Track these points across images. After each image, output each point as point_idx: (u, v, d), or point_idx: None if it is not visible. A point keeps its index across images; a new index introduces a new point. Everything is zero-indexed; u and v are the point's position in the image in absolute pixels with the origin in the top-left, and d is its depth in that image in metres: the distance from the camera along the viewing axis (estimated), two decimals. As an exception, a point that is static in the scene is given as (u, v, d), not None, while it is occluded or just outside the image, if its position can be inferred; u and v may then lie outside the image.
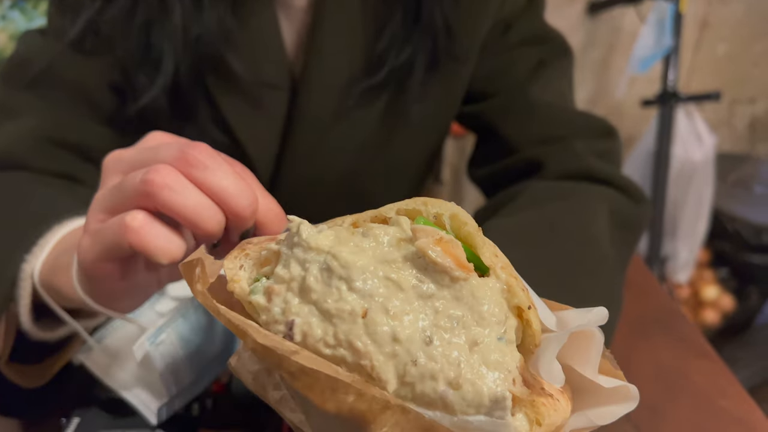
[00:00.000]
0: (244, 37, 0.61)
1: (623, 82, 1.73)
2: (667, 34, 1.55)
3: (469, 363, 0.22)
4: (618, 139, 0.66)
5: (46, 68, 0.61)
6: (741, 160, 2.03)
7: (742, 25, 1.91)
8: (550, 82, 0.67)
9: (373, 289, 0.23)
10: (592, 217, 0.55)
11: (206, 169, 0.34)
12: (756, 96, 2.07)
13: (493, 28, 0.66)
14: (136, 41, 0.60)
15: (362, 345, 0.22)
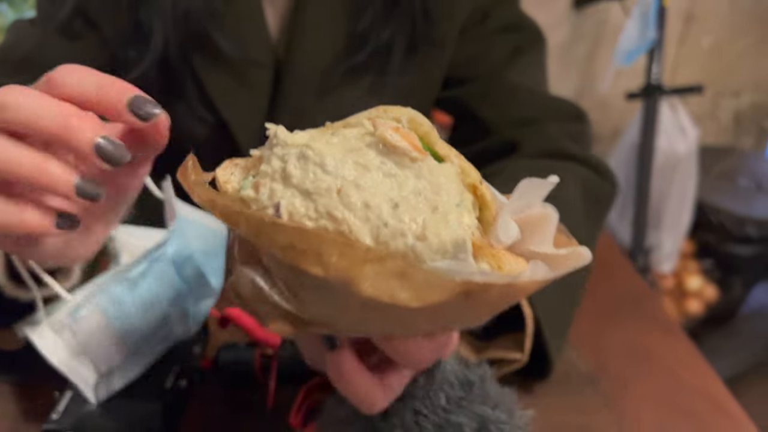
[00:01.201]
0: (229, 16, 0.63)
1: (608, 75, 1.75)
2: (651, 28, 1.58)
3: (433, 221, 0.26)
4: (588, 122, 0.70)
5: (34, 53, 0.63)
6: (725, 153, 2.06)
7: (727, 18, 1.93)
8: (526, 69, 0.70)
9: (344, 171, 0.26)
10: (566, 189, 0.58)
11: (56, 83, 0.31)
12: (740, 89, 2.10)
13: (471, 15, 0.69)
14: (126, 19, 0.62)
15: (340, 214, 0.25)
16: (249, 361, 0.52)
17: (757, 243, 1.82)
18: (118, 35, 0.63)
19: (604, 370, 0.58)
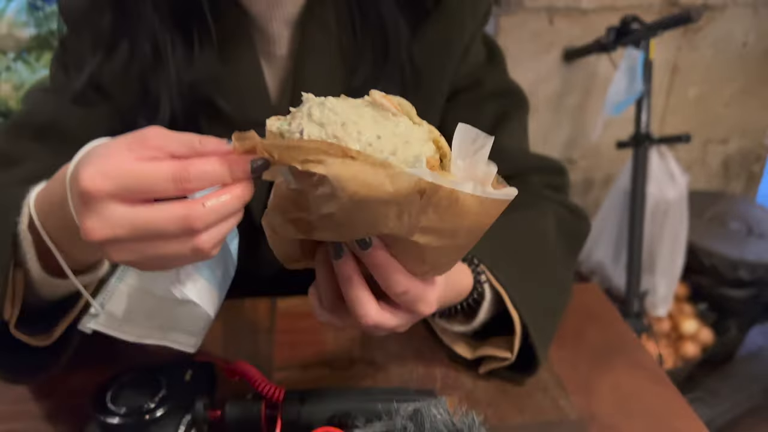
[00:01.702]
0: (231, 81, 0.68)
1: (599, 125, 1.81)
2: (638, 80, 1.64)
3: (402, 148, 0.38)
4: (567, 176, 0.79)
5: (52, 121, 0.68)
6: (716, 197, 2.11)
7: (710, 70, 2.01)
8: (513, 130, 0.77)
9: (348, 114, 0.38)
10: (543, 221, 0.70)
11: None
12: (728, 136, 2.16)
13: (464, 79, 0.74)
14: (135, 89, 0.66)
15: (341, 135, 0.37)
16: (255, 414, 0.55)
17: (750, 286, 1.86)
18: (129, 104, 0.68)
19: (594, 418, 0.61)
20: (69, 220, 0.42)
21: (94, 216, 0.38)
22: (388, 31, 0.67)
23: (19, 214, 0.48)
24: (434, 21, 0.69)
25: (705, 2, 1.88)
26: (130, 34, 0.65)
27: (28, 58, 1.75)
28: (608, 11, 1.79)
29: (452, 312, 0.62)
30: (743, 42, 2.00)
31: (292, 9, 0.68)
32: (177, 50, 0.65)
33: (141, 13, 0.63)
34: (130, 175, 0.38)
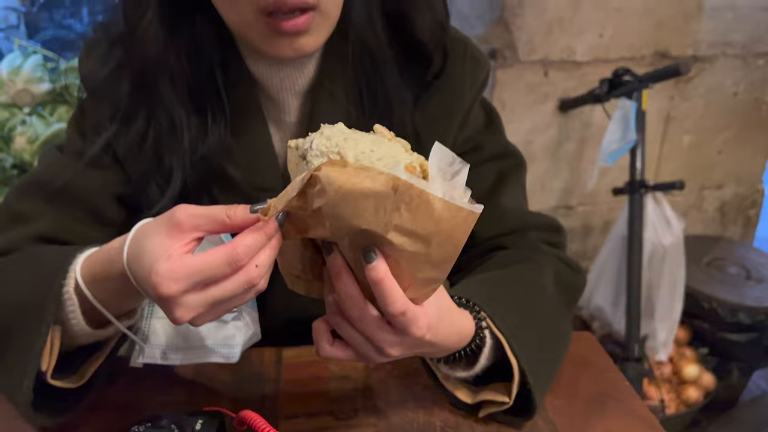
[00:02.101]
0: (242, 150, 0.72)
1: (594, 173, 1.86)
2: (632, 130, 1.70)
3: (392, 159, 0.46)
4: (564, 233, 0.83)
5: (60, 184, 0.71)
6: (714, 242, 2.14)
7: (703, 118, 2.07)
8: (511, 190, 0.81)
9: (350, 133, 0.47)
10: (542, 274, 0.73)
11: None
12: (723, 182, 2.21)
13: (464, 144, 0.79)
14: (148, 158, 0.70)
15: (342, 145, 0.46)
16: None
17: (750, 330, 1.87)
18: (141, 171, 0.71)
19: (589, 465, 0.63)
20: (117, 290, 0.53)
21: (177, 308, 0.48)
22: (393, 103, 0.72)
23: (65, 278, 0.56)
24: (435, 92, 0.74)
25: (695, 54, 1.95)
26: (147, 107, 0.69)
27: (43, 113, 1.81)
28: (601, 63, 1.85)
29: (455, 358, 0.65)
30: (734, 92, 2.06)
31: (302, 81, 0.72)
32: (192, 123, 0.69)
33: (160, 88, 0.67)
34: (195, 273, 0.47)
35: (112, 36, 0.71)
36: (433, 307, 0.54)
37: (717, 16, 1.92)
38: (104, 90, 0.71)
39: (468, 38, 0.79)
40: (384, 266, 0.48)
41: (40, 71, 1.83)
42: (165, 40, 0.66)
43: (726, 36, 1.96)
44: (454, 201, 0.45)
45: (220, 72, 0.70)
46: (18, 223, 0.70)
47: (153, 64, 0.67)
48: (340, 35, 0.69)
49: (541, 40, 1.77)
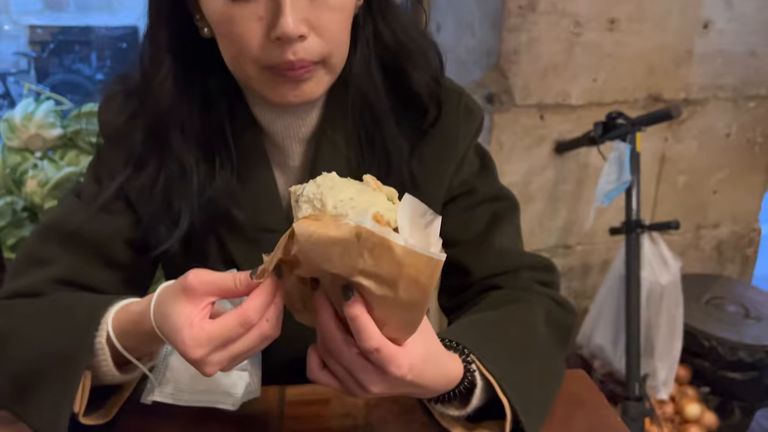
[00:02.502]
0: (247, 193, 0.76)
1: (591, 214, 1.90)
2: (626, 171, 1.74)
3: (368, 207, 0.50)
4: (556, 272, 0.85)
5: (76, 228, 0.76)
6: (712, 280, 2.16)
7: (697, 159, 2.11)
8: (505, 231, 0.84)
9: (338, 182, 0.53)
10: (532, 313, 0.76)
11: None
12: (719, 221, 2.24)
13: (459, 187, 0.83)
14: (158, 201, 0.74)
15: (326, 193, 0.52)
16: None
17: (751, 369, 1.88)
18: (151, 213, 0.75)
19: (582, 500, 0.64)
20: (144, 341, 0.61)
21: (205, 366, 0.55)
22: (390, 150, 0.76)
23: (97, 330, 0.62)
24: (431, 140, 0.79)
25: (687, 97, 2.01)
26: (159, 154, 0.74)
27: (54, 157, 1.86)
28: (595, 107, 1.91)
29: (448, 398, 0.67)
30: (726, 133, 2.12)
31: (305, 129, 0.77)
32: (200, 169, 0.73)
33: (171, 137, 0.72)
34: (214, 338, 0.54)
35: (129, 87, 0.77)
36: (419, 348, 0.56)
37: (707, 61, 1.99)
38: (120, 137, 0.76)
39: (462, 89, 0.83)
40: (360, 304, 0.51)
41: (52, 117, 1.89)
42: (178, 93, 0.72)
43: (716, 80, 2.02)
44: (415, 248, 0.47)
45: (227, 120, 0.75)
46: (37, 266, 0.74)
47: (166, 115, 0.72)
48: (342, 86, 0.74)
49: (536, 85, 1.83)
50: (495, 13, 1.75)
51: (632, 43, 1.88)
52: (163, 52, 0.70)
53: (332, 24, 0.65)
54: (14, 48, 7.44)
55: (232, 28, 0.63)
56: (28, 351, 0.65)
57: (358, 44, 0.74)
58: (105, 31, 7.71)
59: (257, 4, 0.62)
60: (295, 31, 0.61)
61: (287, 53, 0.63)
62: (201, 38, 0.70)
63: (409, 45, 0.76)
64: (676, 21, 1.90)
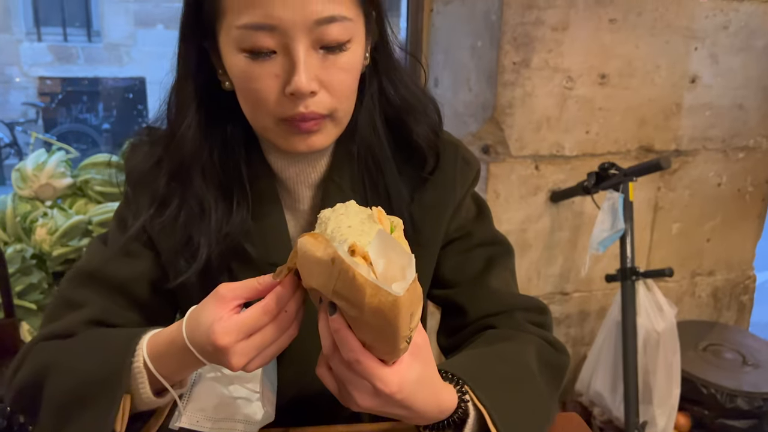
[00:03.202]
0: (260, 232, 0.82)
1: (587, 261, 1.93)
2: (620, 220, 1.79)
3: (359, 235, 0.55)
4: (549, 315, 0.89)
5: (104, 273, 0.82)
6: (709, 327, 2.18)
7: (689, 207, 2.16)
8: (500, 274, 0.89)
9: (351, 211, 0.59)
10: (525, 352, 0.79)
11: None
12: (714, 268, 2.28)
13: (456, 231, 0.88)
14: (178, 237, 0.80)
15: (333, 218, 0.59)
16: None
17: (750, 416, 1.88)
18: (172, 248, 0.81)
19: None
20: (176, 363, 0.66)
21: (232, 356, 0.61)
22: (392, 195, 0.82)
23: (134, 356, 0.68)
24: (431, 187, 0.85)
25: (677, 148, 2.08)
26: (181, 194, 0.80)
27: (63, 205, 1.92)
28: (588, 157, 1.97)
29: (441, 426, 0.69)
30: (717, 182, 2.17)
31: (314, 175, 0.83)
32: (219, 208, 0.79)
33: (193, 179, 0.79)
34: (241, 325, 0.61)
35: (154, 138, 0.84)
36: (413, 371, 0.61)
37: (695, 113, 2.06)
38: (145, 182, 0.82)
39: (460, 142, 0.90)
40: (341, 319, 0.58)
41: (63, 167, 1.96)
42: (201, 139, 0.78)
43: (705, 132, 2.09)
44: (375, 281, 0.53)
45: (244, 166, 0.82)
46: (70, 309, 0.80)
47: (189, 159, 0.78)
48: (348, 136, 0.81)
49: (530, 136, 1.90)
50: (490, 69, 1.83)
51: (623, 97, 1.96)
52: (189, 102, 0.77)
53: (341, 83, 0.72)
54: (23, 98, 7.62)
55: (251, 83, 0.70)
56: (69, 380, 0.70)
57: (364, 99, 0.81)
58: (112, 81, 7.92)
59: (274, 63, 0.69)
60: (307, 87, 0.68)
61: (299, 106, 0.70)
62: (223, 90, 0.77)
63: (410, 101, 0.83)
64: (664, 76, 1.98)
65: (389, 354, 0.59)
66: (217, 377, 0.75)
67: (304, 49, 0.68)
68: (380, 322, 0.54)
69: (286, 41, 0.68)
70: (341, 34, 0.69)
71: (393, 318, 0.53)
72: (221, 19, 0.71)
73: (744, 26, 2.03)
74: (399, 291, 0.52)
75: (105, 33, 7.86)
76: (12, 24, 7.52)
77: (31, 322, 1.72)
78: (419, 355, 0.62)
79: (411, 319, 0.55)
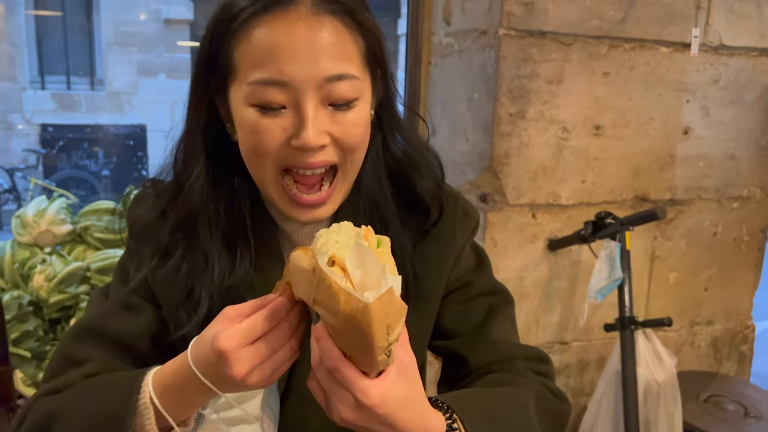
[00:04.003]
0: (261, 283, 0.81)
1: (585, 310, 1.93)
2: (617, 269, 1.80)
3: (343, 249, 0.59)
4: (550, 364, 0.89)
5: (105, 328, 0.81)
6: (710, 378, 2.16)
7: (686, 257, 2.18)
8: (500, 323, 0.89)
9: (344, 228, 0.62)
10: (523, 395, 0.79)
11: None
12: (712, 318, 2.27)
13: (456, 281, 0.88)
14: (179, 289, 0.80)
15: (321, 235, 0.62)
16: None
17: (754, 469, 1.85)
18: (173, 300, 0.81)
19: None
20: (182, 397, 0.67)
21: (234, 362, 0.62)
22: (395, 247, 0.81)
23: (140, 393, 0.68)
24: (432, 239, 0.86)
25: (672, 198, 2.10)
26: (185, 245, 0.80)
27: (62, 252, 1.92)
28: (585, 206, 1.99)
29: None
30: (713, 232, 2.19)
31: (318, 227, 0.84)
32: (222, 261, 0.80)
33: (198, 231, 0.79)
34: (243, 330, 0.63)
35: (158, 189, 0.85)
36: (397, 388, 0.61)
37: (689, 164, 2.09)
38: (148, 234, 0.83)
39: (460, 193, 0.91)
40: (323, 328, 0.60)
41: (63, 213, 1.97)
42: (208, 192, 0.79)
43: (699, 182, 2.12)
44: (348, 289, 0.56)
45: (249, 219, 0.82)
46: (72, 365, 0.79)
47: (196, 211, 0.79)
48: (353, 190, 0.82)
49: (527, 186, 1.92)
50: (487, 120, 1.87)
51: (617, 148, 1.99)
52: (197, 154, 0.79)
53: (351, 135, 0.74)
54: (25, 145, 7.69)
55: (258, 136, 0.72)
56: (76, 423, 0.70)
57: (369, 154, 0.82)
58: (113, 129, 8.01)
59: (284, 117, 0.71)
60: (315, 142, 0.70)
61: (305, 157, 0.72)
62: (230, 143, 0.79)
63: (414, 156, 0.85)
64: (657, 127, 2.02)
65: (369, 366, 0.60)
66: (220, 419, 0.74)
67: (313, 105, 0.70)
68: (354, 329, 0.56)
69: (296, 97, 0.70)
70: (349, 91, 0.71)
71: (366, 325, 0.55)
72: (233, 74, 0.73)
73: (734, 80, 2.09)
74: (369, 298, 0.55)
75: (108, 81, 8.00)
76: (17, 73, 7.65)
77: (25, 370, 1.70)
78: (405, 374, 0.63)
79: (389, 331, 0.57)
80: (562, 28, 1.84)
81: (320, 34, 0.70)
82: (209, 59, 0.74)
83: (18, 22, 7.60)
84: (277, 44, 0.69)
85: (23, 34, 7.65)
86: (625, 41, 1.93)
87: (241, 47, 0.71)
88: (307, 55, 0.69)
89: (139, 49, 7.92)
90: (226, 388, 0.65)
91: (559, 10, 1.83)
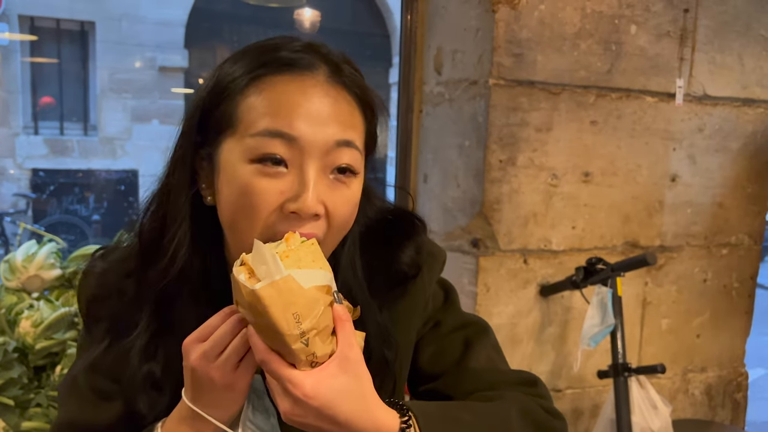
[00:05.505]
0: None
1: (578, 357, 1.92)
2: (610, 314, 1.79)
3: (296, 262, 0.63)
4: (542, 386, 0.86)
5: (84, 423, 0.79)
6: (705, 427, 2.14)
7: (677, 303, 2.18)
8: (480, 353, 0.87)
9: (289, 239, 0.66)
10: (505, 408, 0.78)
11: None
12: (706, 365, 2.26)
13: (425, 324, 0.87)
14: (138, 374, 0.76)
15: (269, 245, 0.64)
16: None
17: None
18: (134, 388, 0.76)
19: None
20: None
21: (191, 352, 0.67)
22: (364, 312, 0.78)
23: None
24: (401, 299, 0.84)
25: (662, 244, 2.12)
26: (163, 316, 0.77)
27: (50, 297, 1.90)
28: (576, 252, 2.01)
29: None
30: (703, 278, 2.20)
31: None
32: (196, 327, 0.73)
33: (174, 299, 0.76)
34: (199, 329, 0.68)
35: (109, 262, 0.82)
36: (336, 381, 0.62)
37: (677, 211, 2.12)
38: (103, 310, 0.80)
39: (425, 237, 0.89)
40: (251, 327, 0.63)
41: (52, 258, 1.95)
42: (191, 252, 0.75)
43: (688, 228, 2.15)
44: (242, 280, 0.61)
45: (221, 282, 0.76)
46: None
47: (177, 276, 0.75)
48: None
49: (518, 231, 1.93)
50: (477, 167, 1.90)
51: (607, 194, 2.02)
52: (182, 213, 0.74)
53: (343, 215, 0.72)
54: (15, 189, 7.68)
55: (252, 197, 0.68)
56: None
57: (347, 242, 0.79)
58: (105, 174, 8.03)
59: (282, 181, 0.68)
60: (313, 209, 0.67)
61: (295, 225, 0.68)
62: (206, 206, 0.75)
63: (393, 233, 0.84)
64: (645, 175, 2.05)
65: (290, 356, 0.62)
66: None
67: (316, 170, 0.68)
68: (258, 318, 0.61)
69: (301, 157, 0.68)
70: (353, 160, 0.71)
71: (263, 311, 0.59)
72: (232, 128, 0.70)
73: (718, 129, 2.14)
74: (257, 285, 0.59)
75: (101, 127, 8.05)
76: (10, 119, 7.70)
77: (8, 419, 1.66)
78: (348, 368, 0.63)
79: (298, 319, 0.60)
80: (550, 78, 1.89)
81: (334, 102, 0.70)
82: (209, 109, 0.72)
83: (14, 68, 7.69)
84: (292, 101, 0.68)
85: (18, 80, 7.73)
86: (612, 91, 1.97)
87: (250, 99, 0.69)
88: (321, 117, 0.68)
89: (134, 96, 8.01)
90: (209, 399, 0.68)
91: (547, 61, 1.87)
